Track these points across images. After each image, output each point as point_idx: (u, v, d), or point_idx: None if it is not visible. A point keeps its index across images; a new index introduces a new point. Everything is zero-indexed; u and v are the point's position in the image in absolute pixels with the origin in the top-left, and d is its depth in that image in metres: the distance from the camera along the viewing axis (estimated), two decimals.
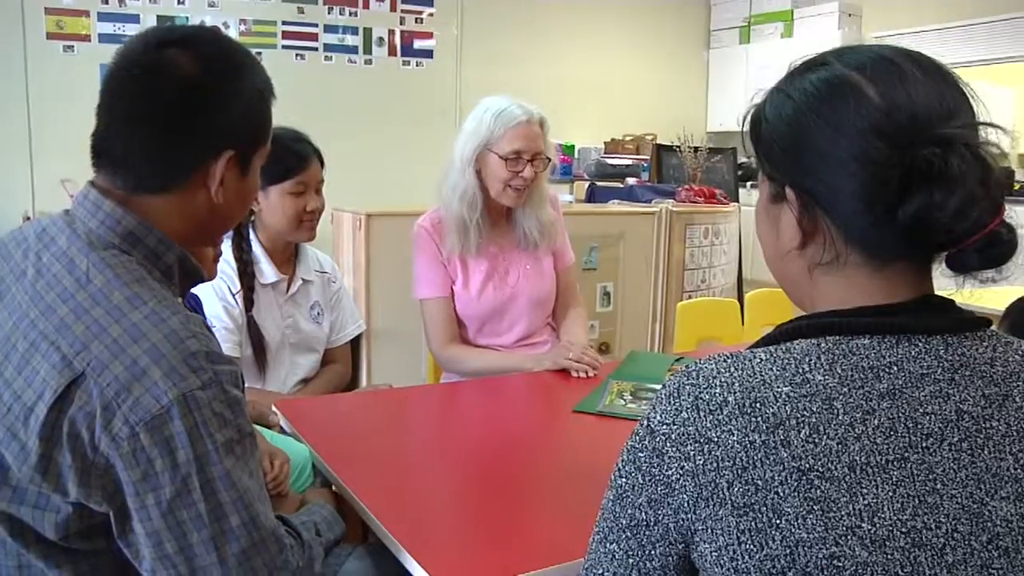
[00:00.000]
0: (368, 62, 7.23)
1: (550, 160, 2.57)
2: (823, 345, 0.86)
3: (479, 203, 2.54)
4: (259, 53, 6.40)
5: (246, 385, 2.31)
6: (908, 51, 0.89)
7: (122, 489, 1.07)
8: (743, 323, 3.65)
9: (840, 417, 0.82)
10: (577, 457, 1.86)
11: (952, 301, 0.90)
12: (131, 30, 6.14)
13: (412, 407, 2.19)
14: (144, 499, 1.06)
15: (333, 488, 1.71)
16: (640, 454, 0.89)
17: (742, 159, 7.92)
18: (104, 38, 6.10)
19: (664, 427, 0.87)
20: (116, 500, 1.08)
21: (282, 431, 2.05)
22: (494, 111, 2.51)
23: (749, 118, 0.97)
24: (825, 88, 0.88)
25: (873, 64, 0.88)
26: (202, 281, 1.30)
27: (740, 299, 4.44)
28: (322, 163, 2.44)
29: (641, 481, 0.88)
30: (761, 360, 0.86)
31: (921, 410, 0.83)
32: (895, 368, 0.85)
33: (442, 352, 2.60)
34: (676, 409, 0.87)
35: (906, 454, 0.81)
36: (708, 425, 0.84)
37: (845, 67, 0.89)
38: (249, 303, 2.39)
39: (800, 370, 0.85)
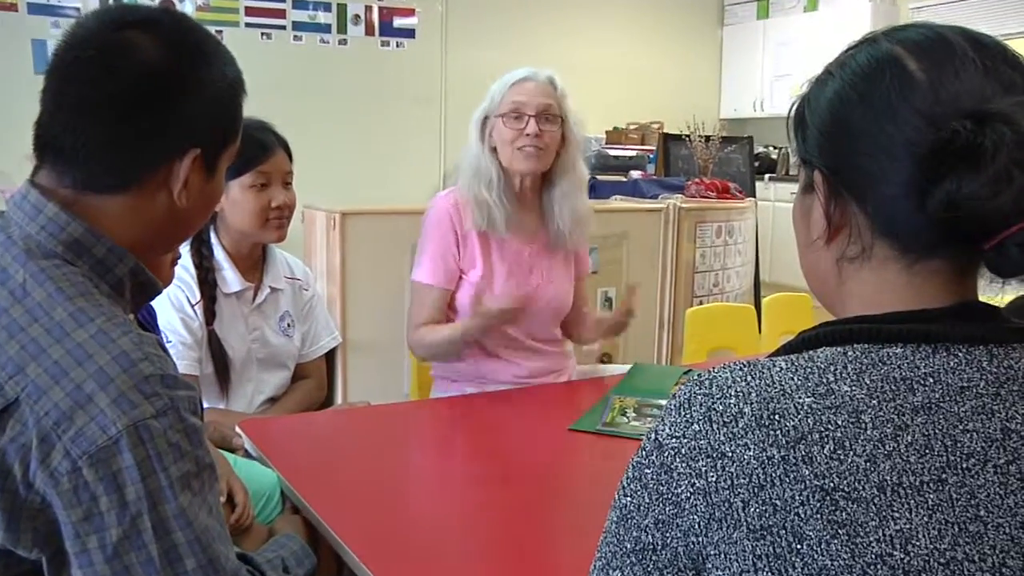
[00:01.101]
0: (343, 42, 7.24)
1: (563, 120, 2.57)
2: (850, 354, 0.87)
3: (496, 183, 2.55)
4: (219, 31, 6.37)
5: (207, 406, 2.31)
6: (971, 31, 0.90)
7: (59, 531, 1.04)
8: (760, 331, 3.65)
9: (868, 432, 0.82)
10: (575, 481, 1.87)
11: (997, 308, 0.90)
12: (69, 1, 6.10)
13: (393, 427, 2.19)
14: (86, 542, 1.03)
15: (304, 517, 1.71)
16: (647, 470, 0.89)
17: (759, 148, 7.95)
18: (35, 8, 5.99)
19: (673, 441, 0.87)
20: (51, 544, 1.05)
21: (247, 455, 2.05)
22: (500, 79, 2.59)
23: (795, 108, 0.99)
24: (867, 65, 0.90)
25: (922, 41, 0.89)
26: (158, 295, 1.28)
27: (757, 305, 4.44)
28: (289, 155, 2.44)
29: (648, 500, 0.88)
30: (781, 369, 0.87)
31: (961, 427, 0.83)
32: (931, 380, 0.85)
33: (412, 336, 2.62)
34: (687, 421, 0.87)
35: (944, 475, 0.81)
36: (722, 439, 0.84)
37: (891, 43, 0.90)
38: (210, 315, 2.38)
39: (824, 380, 0.85)
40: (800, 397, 0.84)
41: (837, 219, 0.93)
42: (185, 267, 2.36)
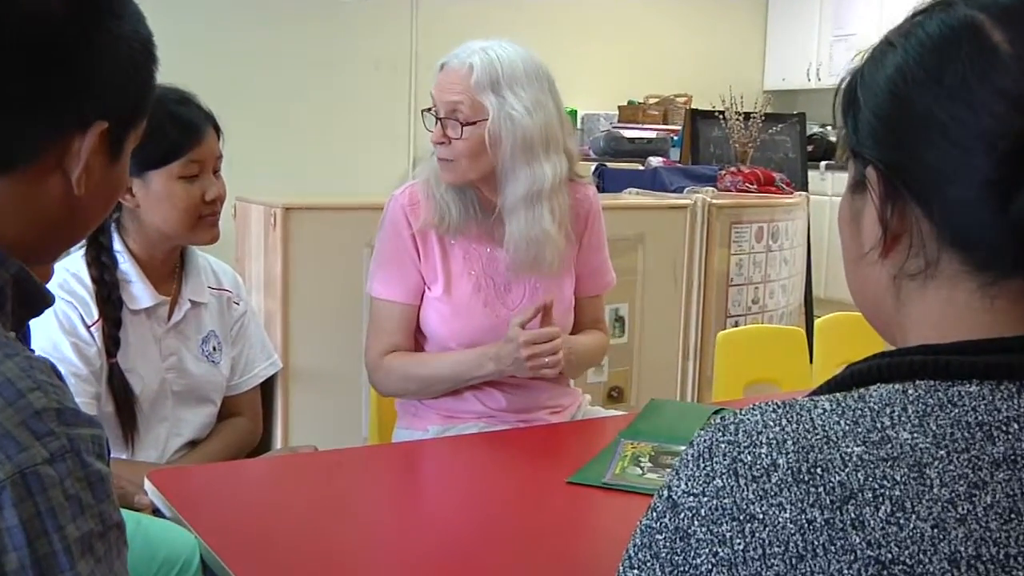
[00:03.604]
0: None
1: (474, 123, 2.47)
2: (911, 392, 0.88)
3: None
4: None
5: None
6: None
7: None
8: (812, 361, 3.65)
9: (935, 491, 0.82)
10: (574, 547, 1.87)
11: None
12: None
13: (348, 479, 2.18)
14: None
15: None
16: (658, 536, 0.90)
17: (813, 128, 7.94)
18: None
19: (691, 499, 0.88)
20: None
21: (157, 513, 2.04)
22: None
23: (844, 84, 1.00)
24: (938, 35, 0.91)
25: (1013, 6, 0.90)
26: (47, 308, 1.27)
27: (808, 327, 4.45)
28: (219, 133, 2.44)
29: (659, 574, 0.89)
30: (824, 411, 0.88)
31: None
32: (1016, 426, 0.85)
33: (378, 366, 2.61)
34: (707, 475, 0.88)
35: None
36: (751, 497, 0.85)
37: (972, 9, 0.91)
38: (112, 344, 2.35)
39: (879, 425, 0.86)
40: (848, 446, 0.85)
41: (895, 226, 0.94)
42: (80, 279, 2.35)
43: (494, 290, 2.62)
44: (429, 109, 2.54)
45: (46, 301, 1.24)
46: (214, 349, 2.57)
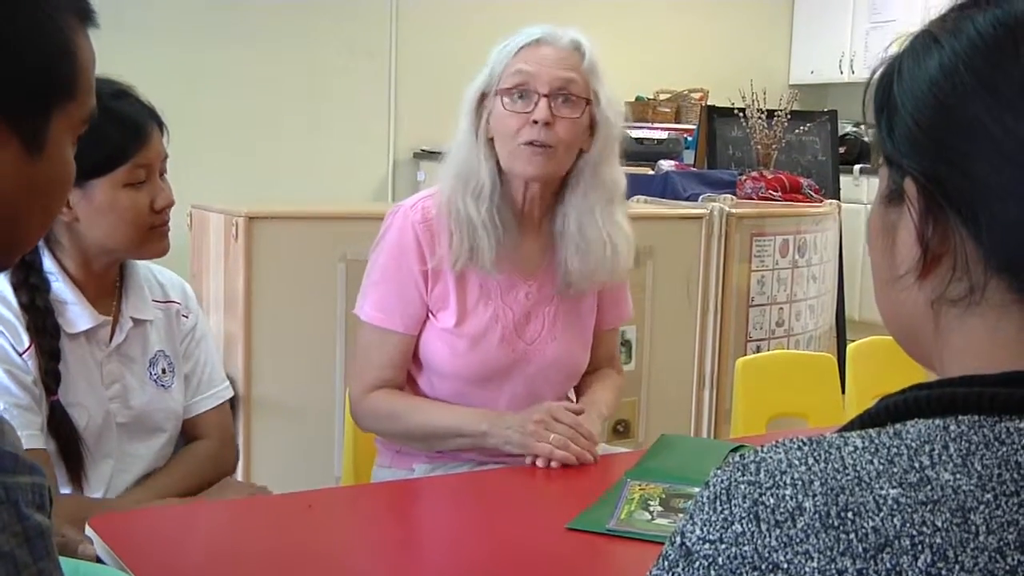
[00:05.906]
0: None
1: (589, 104, 2.54)
2: (953, 428, 0.88)
3: (490, 192, 2.53)
4: None
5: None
6: None
7: None
8: (844, 391, 3.65)
9: (982, 539, 0.83)
10: None
11: None
12: None
13: (320, 524, 2.17)
14: None
15: None
16: None
17: (846, 127, 7.94)
18: None
19: (707, 546, 0.88)
20: None
21: (100, 562, 2.04)
22: (504, 41, 2.57)
23: (877, 76, 1.00)
24: (992, 35, 0.92)
25: None
26: None
27: (840, 353, 4.45)
28: (163, 130, 2.39)
29: None
30: (856, 449, 0.88)
31: None
32: None
33: (362, 400, 2.62)
34: (725, 519, 0.88)
35: None
36: (773, 544, 0.85)
37: None
38: (53, 379, 2.31)
39: (917, 464, 0.86)
40: (883, 488, 0.85)
41: (935, 245, 0.94)
42: (5, 300, 2.30)
43: (512, 321, 2.63)
44: (511, 89, 2.51)
45: None
46: (163, 372, 2.54)
